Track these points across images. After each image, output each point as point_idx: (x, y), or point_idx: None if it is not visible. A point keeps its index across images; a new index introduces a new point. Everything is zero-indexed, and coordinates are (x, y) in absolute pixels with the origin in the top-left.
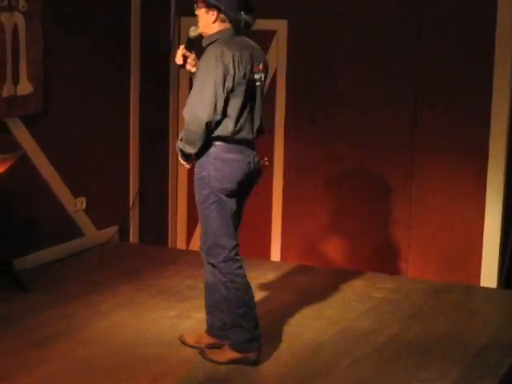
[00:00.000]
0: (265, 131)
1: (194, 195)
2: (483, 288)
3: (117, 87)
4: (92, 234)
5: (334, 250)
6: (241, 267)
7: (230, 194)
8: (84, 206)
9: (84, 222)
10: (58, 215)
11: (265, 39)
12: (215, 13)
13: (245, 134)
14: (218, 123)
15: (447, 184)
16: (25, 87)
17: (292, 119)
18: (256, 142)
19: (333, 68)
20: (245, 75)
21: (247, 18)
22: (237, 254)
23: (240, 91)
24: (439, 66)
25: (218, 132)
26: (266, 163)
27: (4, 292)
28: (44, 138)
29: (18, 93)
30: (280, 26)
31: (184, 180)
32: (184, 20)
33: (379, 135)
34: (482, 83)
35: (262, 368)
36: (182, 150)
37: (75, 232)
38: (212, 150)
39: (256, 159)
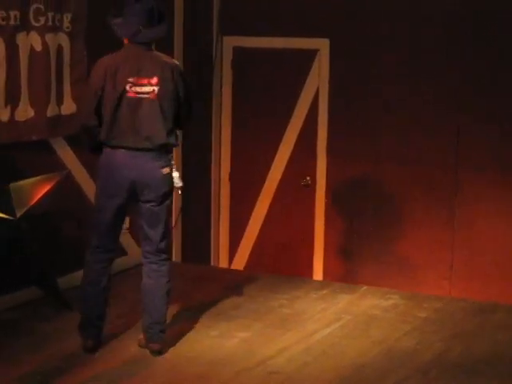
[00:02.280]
0: (167, 143)
1: (236, 214)
2: None
3: None
4: (135, 253)
5: (377, 268)
6: None
7: (110, 196)
8: (127, 224)
9: (127, 240)
10: None
11: (306, 58)
12: None
13: (125, 141)
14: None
15: (490, 202)
16: (69, 107)
17: (335, 137)
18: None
19: (376, 86)
20: (117, 85)
21: (143, 32)
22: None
23: (112, 100)
24: (484, 82)
25: (100, 137)
26: (309, 182)
27: (48, 310)
28: (88, 157)
29: (63, 113)
30: (322, 45)
31: (226, 199)
32: (226, 39)
33: (422, 153)
34: None
35: None
36: None
37: (118, 251)
38: (103, 153)
39: (149, 166)
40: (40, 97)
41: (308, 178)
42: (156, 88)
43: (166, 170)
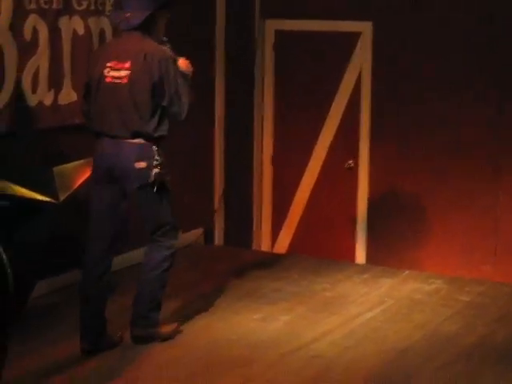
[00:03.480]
0: (141, 131)
1: (278, 198)
2: None
3: (202, 90)
4: None
5: (420, 253)
6: None
7: (97, 184)
8: None
9: None
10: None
11: (349, 41)
12: None
13: (105, 128)
14: None
15: None
16: None
17: (377, 120)
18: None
19: (419, 69)
20: (97, 70)
21: (127, 18)
22: None
23: (94, 85)
24: None
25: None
26: (352, 165)
27: None
28: None
29: None
30: (365, 28)
31: (268, 181)
32: (269, 22)
33: (465, 138)
34: None
35: (350, 369)
36: None
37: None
38: None
39: (124, 156)
40: (83, 80)
41: (351, 161)
42: (128, 72)
43: (140, 164)
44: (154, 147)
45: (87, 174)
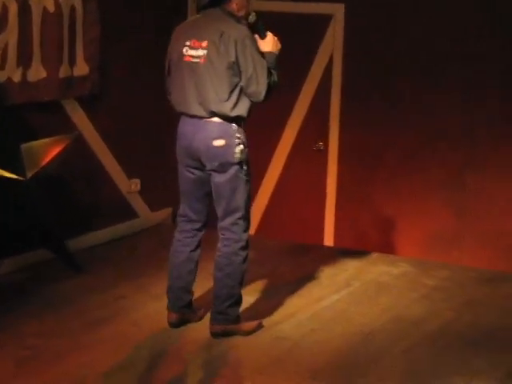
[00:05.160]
0: (218, 111)
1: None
2: None
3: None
4: (146, 216)
5: (389, 235)
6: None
7: (182, 164)
8: (138, 187)
9: (138, 203)
10: (113, 197)
11: (320, 24)
12: None
13: (185, 108)
14: None
15: (501, 167)
16: (81, 68)
17: (348, 103)
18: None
19: (391, 52)
20: (177, 50)
21: None
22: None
23: (174, 65)
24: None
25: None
26: (321, 147)
27: (58, 273)
28: (99, 119)
29: (75, 74)
30: (337, 10)
31: None
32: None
33: (437, 118)
34: None
35: (314, 352)
36: None
37: (129, 214)
38: None
39: (201, 135)
40: (52, 58)
41: (321, 143)
42: (205, 52)
43: (218, 142)
44: (234, 125)
45: (56, 151)
